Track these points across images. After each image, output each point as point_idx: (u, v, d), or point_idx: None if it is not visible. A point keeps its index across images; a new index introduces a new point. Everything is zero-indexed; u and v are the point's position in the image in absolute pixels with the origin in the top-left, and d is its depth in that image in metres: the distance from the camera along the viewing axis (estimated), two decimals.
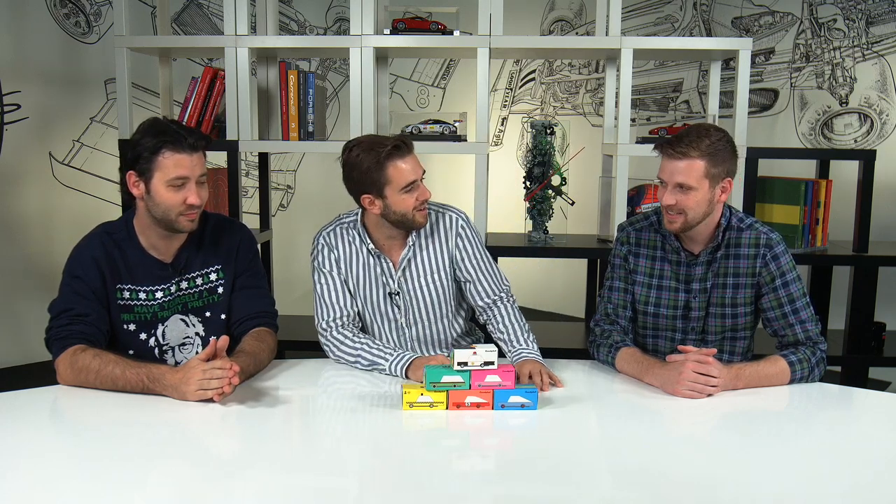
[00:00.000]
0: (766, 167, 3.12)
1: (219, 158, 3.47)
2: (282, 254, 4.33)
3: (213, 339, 1.83)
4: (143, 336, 2.01)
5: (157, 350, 2.03)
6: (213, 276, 2.07)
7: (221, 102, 3.01)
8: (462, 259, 2.20)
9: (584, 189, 3.58)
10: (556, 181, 3.06)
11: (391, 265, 2.17)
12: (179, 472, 1.47)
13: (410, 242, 2.16)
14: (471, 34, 2.99)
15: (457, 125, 3.00)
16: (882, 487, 1.44)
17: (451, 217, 2.21)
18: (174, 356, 2.04)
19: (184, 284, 2.03)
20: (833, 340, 3.05)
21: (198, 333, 2.06)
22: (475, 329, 2.45)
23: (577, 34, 5.29)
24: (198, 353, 1.86)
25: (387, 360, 2.03)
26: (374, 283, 2.18)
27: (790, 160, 3.61)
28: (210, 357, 1.80)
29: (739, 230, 2.06)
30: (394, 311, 2.20)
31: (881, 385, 3.88)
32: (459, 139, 2.99)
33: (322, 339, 2.15)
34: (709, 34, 4.82)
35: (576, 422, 1.77)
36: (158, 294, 2.00)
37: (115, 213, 2.42)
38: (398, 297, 2.19)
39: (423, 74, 5.58)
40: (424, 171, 2.09)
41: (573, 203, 3.08)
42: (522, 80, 5.63)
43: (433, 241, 2.19)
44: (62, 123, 4.56)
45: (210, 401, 1.76)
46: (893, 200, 4.16)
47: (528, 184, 3.08)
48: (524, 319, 2.23)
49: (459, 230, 2.20)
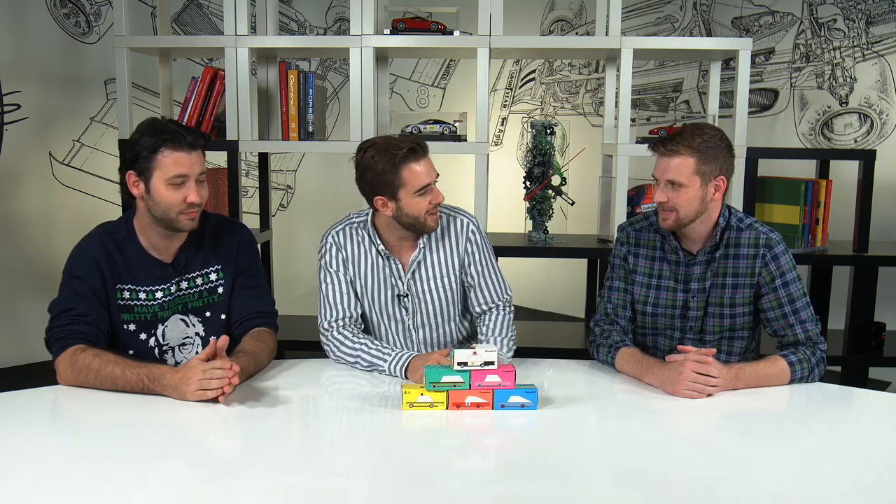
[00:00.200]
0: (766, 167, 3.12)
1: (219, 158, 3.47)
2: (282, 254, 4.33)
3: (213, 339, 1.83)
4: (143, 336, 2.01)
5: (157, 350, 2.03)
6: (213, 276, 2.07)
7: (221, 102, 3.01)
8: (469, 264, 2.20)
9: (584, 189, 3.58)
10: (556, 181, 3.06)
11: (401, 267, 2.16)
12: (179, 472, 1.47)
13: (421, 245, 2.15)
14: (471, 34, 2.99)
15: (457, 125, 3.00)
16: (882, 487, 1.44)
17: (463, 221, 2.20)
18: (174, 356, 2.04)
19: (184, 284, 2.03)
20: (833, 340, 3.05)
21: (198, 333, 2.06)
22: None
23: (577, 34, 5.29)
24: (198, 353, 1.86)
25: (385, 361, 2.03)
26: (383, 285, 2.17)
27: (790, 160, 3.61)
28: (210, 357, 1.80)
29: (739, 230, 2.06)
30: (401, 313, 2.20)
31: (881, 385, 3.88)
32: (459, 139, 2.99)
33: (323, 339, 2.15)
34: (709, 34, 4.82)
35: (576, 422, 1.76)
36: (158, 294, 2.00)
37: (115, 213, 2.42)
38: (406, 300, 2.18)
39: (423, 74, 5.58)
40: (438, 175, 2.08)
41: (573, 203, 3.08)
42: (522, 80, 5.63)
43: (443, 245, 2.18)
44: (62, 123, 4.56)
45: (211, 401, 1.76)
46: (893, 200, 4.16)
47: (528, 184, 3.08)
48: (512, 330, 2.21)
49: (470, 235, 2.19)
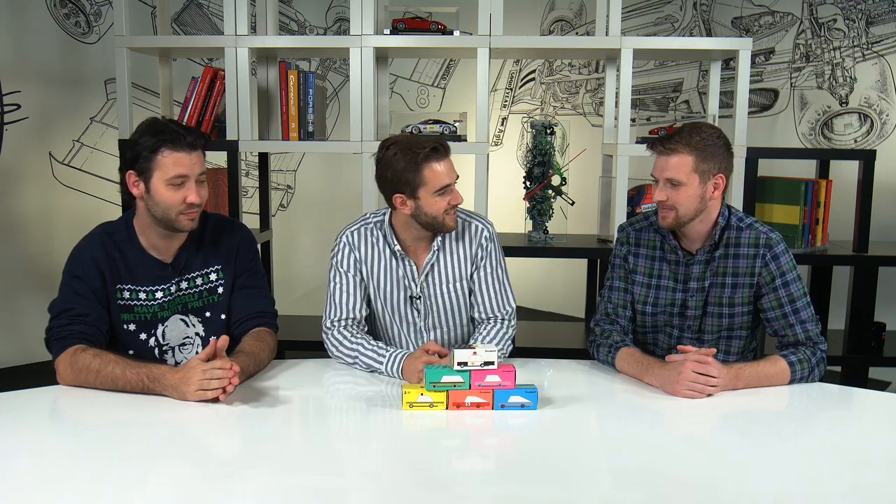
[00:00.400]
0: (766, 167, 3.12)
1: (219, 158, 3.47)
2: (282, 254, 4.33)
3: (213, 339, 1.83)
4: (143, 336, 2.01)
5: (157, 350, 2.03)
6: (213, 276, 2.07)
7: (221, 102, 3.01)
8: (476, 268, 2.19)
9: (584, 189, 3.58)
10: (556, 181, 3.06)
11: (415, 268, 2.15)
12: (179, 472, 1.47)
13: (436, 247, 2.15)
14: (471, 34, 2.99)
15: (457, 125, 2.99)
16: (882, 487, 1.44)
17: (478, 226, 2.20)
18: (174, 356, 2.04)
19: (184, 284, 2.03)
20: (833, 340, 3.05)
21: (198, 333, 2.06)
22: None
23: (577, 34, 5.29)
24: (198, 354, 1.86)
25: (381, 363, 2.02)
26: (396, 286, 2.17)
27: (790, 160, 3.61)
28: (210, 357, 1.80)
29: (739, 230, 2.06)
30: (413, 315, 2.19)
31: (881, 385, 3.88)
32: (459, 139, 2.99)
33: (324, 337, 2.15)
34: (709, 34, 4.82)
35: (576, 422, 1.76)
36: (158, 294, 2.00)
37: (115, 213, 2.42)
38: (419, 301, 2.18)
39: (423, 74, 5.58)
40: (458, 176, 2.08)
41: (573, 203, 3.08)
42: (522, 80, 5.63)
43: (458, 248, 2.18)
44: (62, 123, 4.56)
45: (211, 401, 1.76)
46: (893, 200, 4.16)
47: (528, 184, 3.08)
48: (507, 345, 2.17)
49: (482, 240, 2.19)
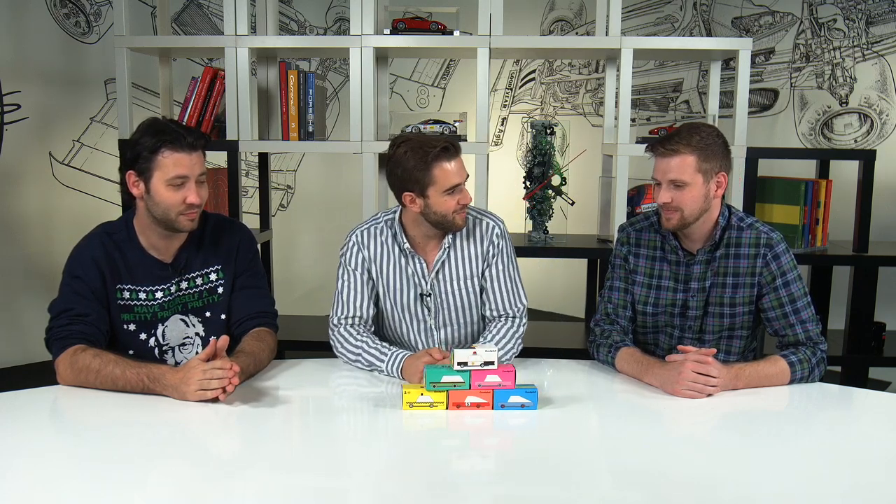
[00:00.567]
0: (766, 167, 3.12)
1: (219, 158, 3.47)
2: (282, 254, 4.33)
3: (213, 339, 1.83)
4: (143, 336, 2.01)
5: (157, 350, 2.03)
6: (213, 276, 2.07)
7: (221, 102, 3.01)
8: (488, 266, 2.19)
9: (584, 189, 3.58)
10: (556, 181, 3.06)
11: (425, 266, 2.15)
12: (179, 472, 1.47)
13: (446, 245, 2.15)
14: (471, 34, 2.99)
15: (457, 125, 2.99)
16: (882, 487, 1.44)
17: (489, 223, 2.19)
18: (174, 356, 2.04)
19: (184, 284, 2.03)
20: (833, 340, 3.05)
21: (198, 333, 2.06)
22: None
23: (577, 34, 5.29)
24: (198, 354, 1.86)
25: (383, 362, 2.02)
26: (406, 284, 2.17)
27: (790, 160, 3.61)
28: (210, 357, 1.80)
29: (740, 230, 2.06)
30: (423, 313, 2.19)
31: (881, 385, 3.88)
32: (460, 139, 2.99)
33: (330, 334, 2.15)
34: (709, 34, 4.82)
35: (576, 422, 1.76)
36: (158, 294, 2.00)
37: (115, 213, 2.42)
38: (429, 299, 2.17)
39: (423, 74, 5.58)
40: (468, 176, 2.08)
41: (573, 203, 3.08)
42: (522, 80, 5.64)
43: (468, 246, 2.18)
44: (62, 123, 4.56)
45: (211, 401, 1.76)
46: (893, 200, 4.16)
47: (528, 184, 3.08)
48: (517, 343, 2.15)
49: (493, 237, 2.18)
